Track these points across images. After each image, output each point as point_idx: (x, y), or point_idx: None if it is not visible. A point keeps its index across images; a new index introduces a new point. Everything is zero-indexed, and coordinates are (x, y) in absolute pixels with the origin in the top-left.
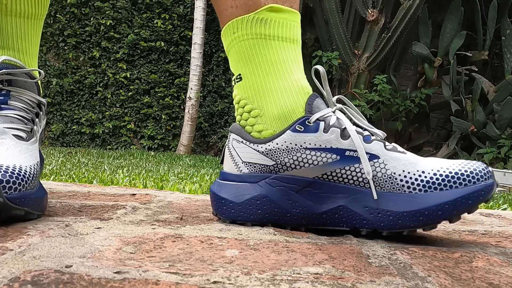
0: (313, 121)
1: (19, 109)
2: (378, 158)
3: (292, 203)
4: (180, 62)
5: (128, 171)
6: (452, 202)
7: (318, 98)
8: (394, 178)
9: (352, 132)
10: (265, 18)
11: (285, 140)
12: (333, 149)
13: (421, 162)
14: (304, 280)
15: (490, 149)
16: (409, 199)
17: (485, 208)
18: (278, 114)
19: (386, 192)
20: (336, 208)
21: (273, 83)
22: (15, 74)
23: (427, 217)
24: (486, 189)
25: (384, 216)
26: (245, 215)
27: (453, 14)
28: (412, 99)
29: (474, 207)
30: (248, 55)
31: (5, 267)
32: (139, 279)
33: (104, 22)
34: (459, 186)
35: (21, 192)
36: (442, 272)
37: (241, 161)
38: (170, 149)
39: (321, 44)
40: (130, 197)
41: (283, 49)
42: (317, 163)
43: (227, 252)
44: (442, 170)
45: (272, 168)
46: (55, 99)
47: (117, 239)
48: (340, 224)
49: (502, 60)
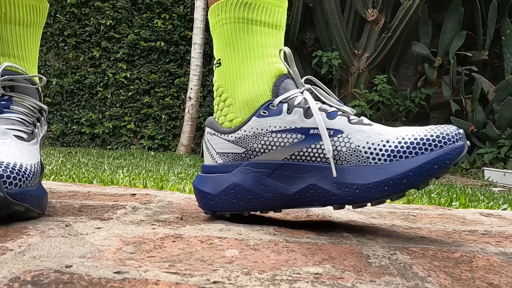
0: (276, 104)
1: (20, 112)
2: (342, 132)
3: (264, 187)
4: (180, 62)
5: (128, 171)
6: (417, 169)
7: (287, 79)
8: (358, 151)
9: (315, 110)
10: (249, 2)
11: (251, 126)
12: (297, 129)
13: (387, 132)
14: (304, 280)
15: (490, 149)
16: (374, 170)
17: (485, 208)
18: (247, 100)
19: (352, 166)
20: (307, 188)
21: (247, 68)
22: (17, 80)
23: (392, 186)
24: (453, 152)
25: (351, 190)
26: (222, 205)
27: (453, 14)
28: (412, 99)
29: (442, 171)
30: (229, 40)
31: (5, 267)
32: (139, 279)
33: (104, 22)
34: (424, 152)
35: (22, 188)
36: (442, 272)
37: (215, 152)
38: (170, 149)
39: (321, 44)
40: (130, 197)
41: (264, 34)
42: (284, 144)
43: (227, 252)
44: (408, 138)
45: (243, 155)
46: (55, 99)
47: (117, 239)
48: (312, 203)
49: (502, 60)
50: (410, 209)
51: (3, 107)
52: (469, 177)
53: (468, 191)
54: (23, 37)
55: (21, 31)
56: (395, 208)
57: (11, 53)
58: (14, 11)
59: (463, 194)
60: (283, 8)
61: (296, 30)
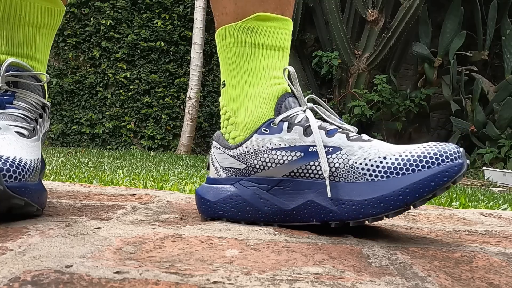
0: (277, 122)
1: (23, 108)
2: (341, 150)
3: (263, 201)
4: (180, 62)
5: (128, 171)
6: (413, 186)
7: (290, 97)
8: (355, 168)
9: (314, 128)
10: (252, 26)
11: (252, 143)
12: (297, 146)
13: (385, 148)
14: (304, 280)
15: (490, 149)
16: (370, 187)
17: (485, 208)
18: (249, 120)
19: (350, 183)
20: (305, 204)
21: (250, 90)
22: (21, 76)
23: (388, 203)
24: (451, 169)
25: (348, 206)
26: (220, 211)
27: (453, 14)
28: (412, 99)
29: (439, 189)
30: (233, 63)
31: (5, 267)
32: (139, 279)
33: (104, 22)
34: (422, 169)
35: (21, 182)
36: (442, 272)
37: (220, 166)
38: (170, 149)
39: (321, 44)
40: (130, 197)
41: (267, 56)
42: (283, 162)
43: (227, 252)
44: (405, 155)
45: (244, 171)
46: (55, 99)
47: (117, 239)
48: (310, 219)
49: (502, 60)
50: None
51: (5, 102)
52: (469, 177)
53: (468, 191)
54: (36, 38)
55: (35, 33)
56: None
57: (21, 53)
58: (29, 13)
59: (463, 194)
60: (287, 30)
61: (296, 30)
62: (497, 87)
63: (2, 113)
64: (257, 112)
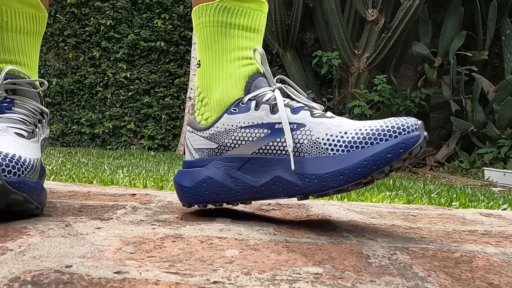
0: (246, 101)
1: (22, 113)
2: (304, 126)
3: (234, 180)
4: (180, 62)
5: (128, 171)
6: (370, 158)
7: (260, 77)
8: (318, 143)
9: (280, 105)
10: (228, 6)
11: (223, 122)
12: (264, 124)
13: (347, 124)
14: (304, 280)
15: (490, 149)
16: (332, 161)
17: (485, 208)
18: (220, 100)
19: (313, 157)
20: (273, 180)
21: (223, 70)
22: (19, 83)
23: (347, 175)
24: (407, 141)
25: (311, 180)
26: (196, 197)
27: (453, 14)
28: (412, 99)
29: (396, 161)
30: (208, 42)
31: (5, 267)
32: (139, 279)
33: (104, 22)
34: (380, 142)
35: (20, 177)
36: (442, 272)
37: (193, 148)
38: (170, 149)
39: (321, 44)
40: (130, 197)
41: (242, 37)
42: (252, 139)
43: (227, 252)
44: (364, 129)
45: (216, 150)
46: (55, 99)
47: (117, 239)
48: (278, 194)
49: (502, 60)
50: (410, 209)
51: (5, 109)
52: (469, 177)
53: (468, 191)
54: (24, 44)
55: (22, 39)
56: (395, 208)
57: (13, 60)
58: (15, 19)
59: (463, 194)
60: (263, 12)
61: (296, 30)
62: (497, 87)
63: (1, 117)
64: (228, 91)
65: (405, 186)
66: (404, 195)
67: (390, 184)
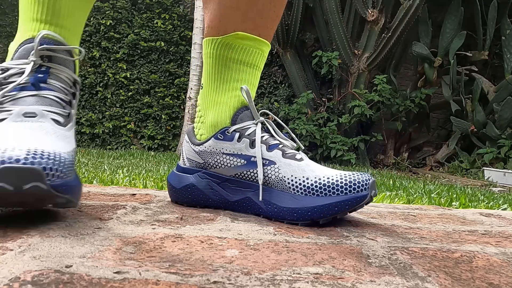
0: (231, 132)
1: (58, 89)
2: (275, 164)
3: (213, 191)
4: (180, 62)
5: (128, 171)
6: (320, 207)
7: (246, 110)
8: (283, 181)
9: (257, 142)
10: (230, 43)
11: (210, 145)
12: (242, 155)
13: (310, 170)
14: (304, 280)
15: (490, 149)
16: (291, 198)
17: (485, 208)
18: (212, 123)
19: (278, 190)
20: (244, 199)
21: (219, 97)
22: (55, 50)
23: (299, 214)
24: (353, 200)
25: (273, 208)
26: (181, 198)
27: (453, 14)
28: (412, 99)
29: (342, 213)
30: (211, 71)
31: (5, 267)
32: (139, 279)
33: (104, 22)
34: (332, 195)
35: (63, 179)
36: (442, 272)
37: (186, 157)
38: (170, 149)
39: (321, 44)
40: (130, 197)
41: (239, 71)
42: (231, 165)
43: (227, 252)
44: (323, 179)
45: (202, 165)
46: None
47: (117, 239)
48: (247, 211)
49: (502, 60)
50: (410, 209)
51: (40, 81)
52: (469, 177)
53: (468, 191)
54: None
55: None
56: (395, 208)
57: (60, 23)
58: None
59: (463, 194)
60: (261, 50)
61: (296, 30)
62: (497, 87)
63: (38, 94)
64: (219, 117)
65: (405, 186)
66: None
67: (390, 184)
